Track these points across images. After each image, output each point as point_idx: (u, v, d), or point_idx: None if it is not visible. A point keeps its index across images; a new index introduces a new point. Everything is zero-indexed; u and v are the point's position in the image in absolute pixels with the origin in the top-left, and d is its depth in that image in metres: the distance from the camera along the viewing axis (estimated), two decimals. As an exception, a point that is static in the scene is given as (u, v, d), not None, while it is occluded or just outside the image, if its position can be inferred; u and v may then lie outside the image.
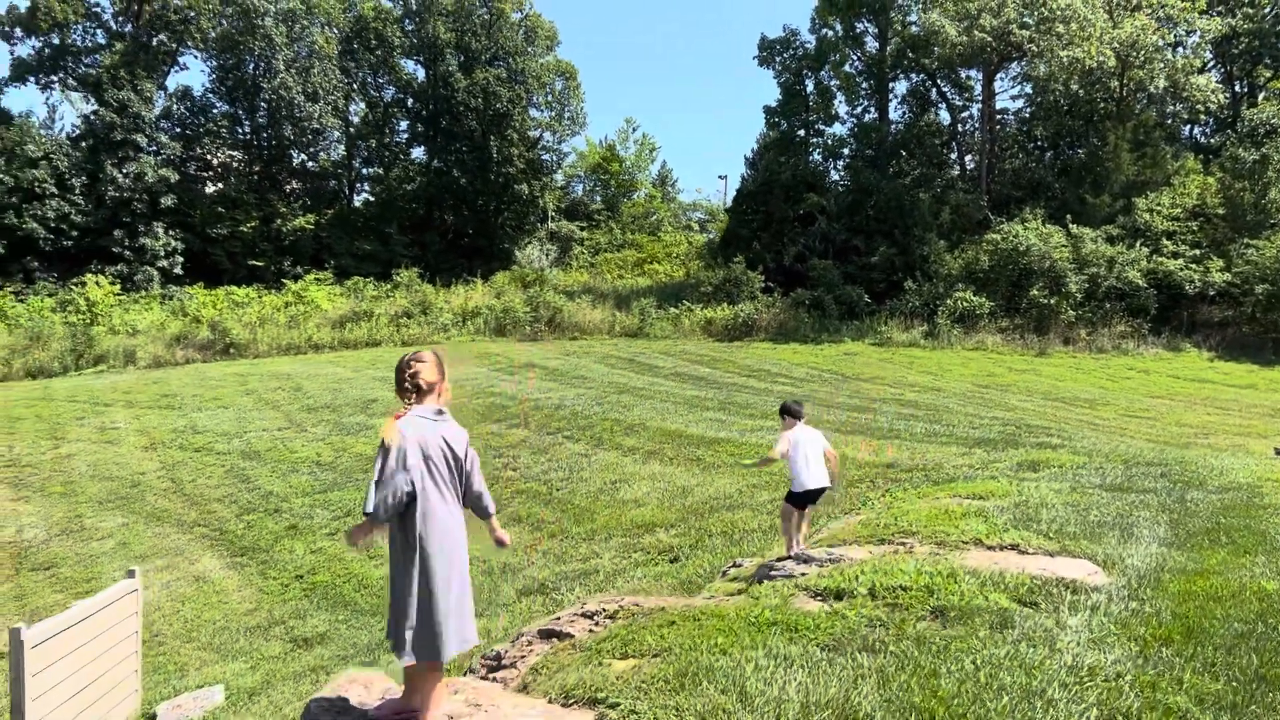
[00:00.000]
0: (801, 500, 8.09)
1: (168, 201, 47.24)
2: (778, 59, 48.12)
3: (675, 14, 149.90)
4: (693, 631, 4.63)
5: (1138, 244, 37.73)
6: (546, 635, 5.63)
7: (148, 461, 22.48)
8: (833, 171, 50.59)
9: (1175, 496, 9.40)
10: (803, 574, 6.88)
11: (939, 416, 19.58)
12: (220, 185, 53.94)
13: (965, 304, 37.33)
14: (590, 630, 5.49)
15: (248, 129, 54.05)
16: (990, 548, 7.12)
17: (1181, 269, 36.77)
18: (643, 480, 14.69)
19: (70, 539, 17.36)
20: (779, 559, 7.85)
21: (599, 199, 64.78)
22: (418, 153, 59.88)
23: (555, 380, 26.53)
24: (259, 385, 29.88)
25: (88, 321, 39.05)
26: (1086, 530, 7.71)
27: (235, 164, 55.47)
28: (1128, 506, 8.87)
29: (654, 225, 60.96)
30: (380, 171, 59.01)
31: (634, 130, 67.82)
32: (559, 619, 5.96)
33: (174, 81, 53.59)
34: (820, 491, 8.08)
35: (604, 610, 5.79)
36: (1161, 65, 42.19)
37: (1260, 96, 45.59)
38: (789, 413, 8.52)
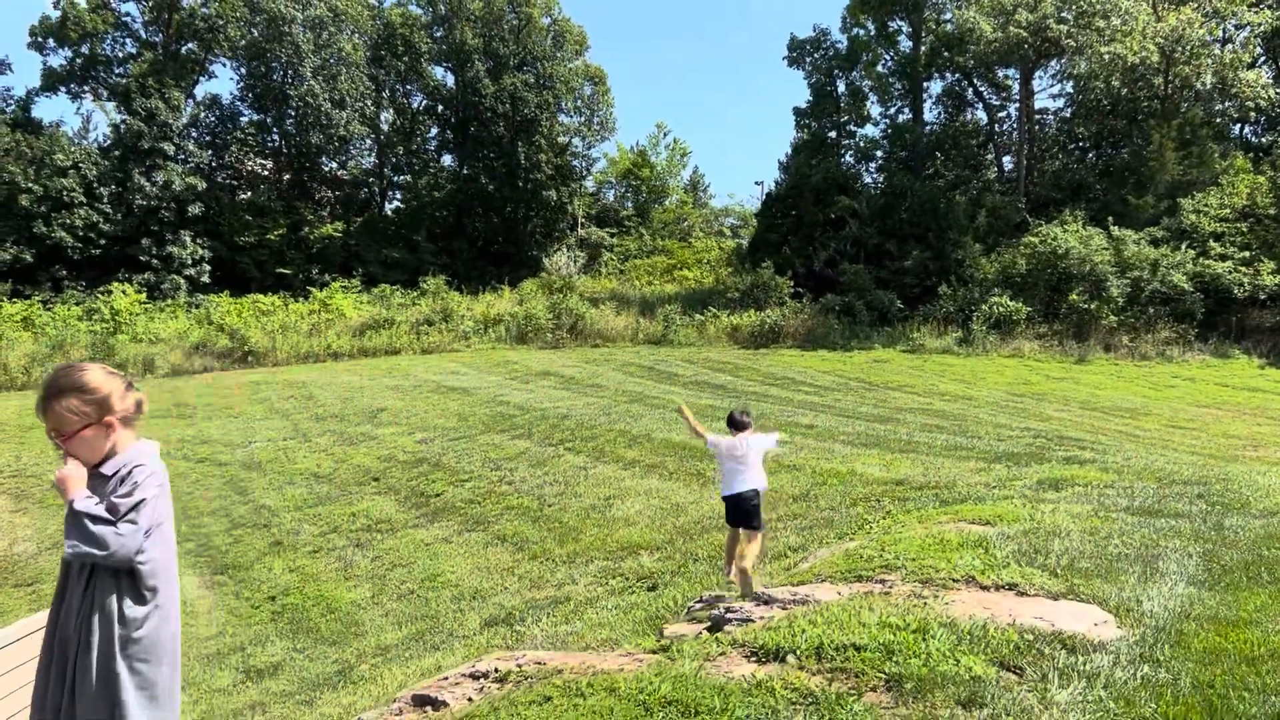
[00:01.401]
0: (731, 513, 7.57)
1: (195, 210, 47.19)
2: (808, 59, 47.03)
3: (709, 13, 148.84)
4: (566, 714, 3.70)
5: (1183, 246, 36.13)
6: (420, 702, 4.72)
7: (150, 473, 21.90)
8: (865, 174, 49.45)
9: (1212, 522, 8.27)
10: (761, 618, 5.90)
11: (965, 428, 18.42)
12: (249, 194, 53.91)
13: (1001, 309, 35.93)
14: (470, 698, 4.57)
15: (276, 137, 53.97)
16: (984, 587, 6.09)
17: (1230, 272, 35.10)
18: (638, 496, 13.74)
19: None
20: (748, 595, 6.88)
21: (630, 205, 63.97)
22: (447, 160, 59.54)
23: (568, 389, 25.67)
24: (272, 394, 29.38)
25: (111, 330, 38.90)
26: (1102, 566, 6.64)
27: (264, 172, 55.46)
28: (1155, 534, 7.77)
29: (685, 231, 60.03)
30: (409, 179, 58.70)
31: (665, 135, 66.90)
32: (445, 679, 5.06)
33: (202, 90, 53.36)
34: (742, 501, 7.49)
35: (496, 670, 4.88)
36: (1209, 61, 40.54)
37: (1314, 92, 43.63)
38: (730, 424, 7.99)
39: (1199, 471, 11.70)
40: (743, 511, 7.54)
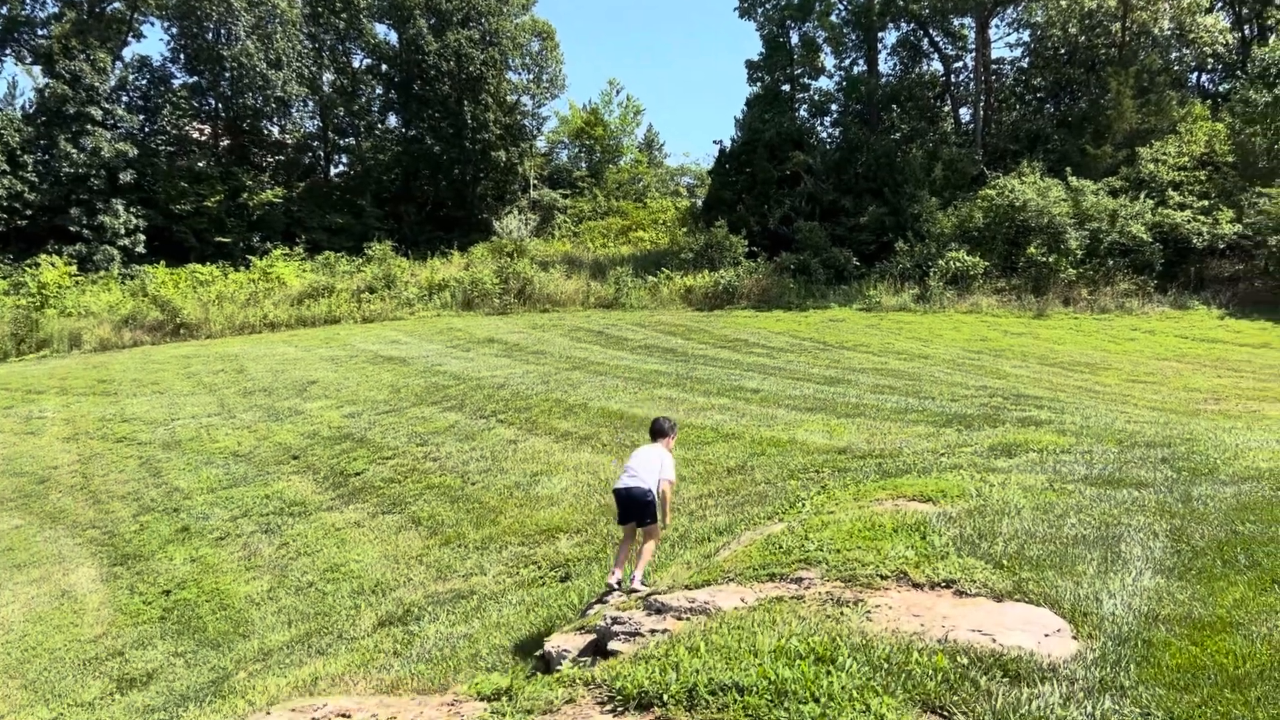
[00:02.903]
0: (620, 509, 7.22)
1: (127, 177, 45.14)
2: (760, 9, 45.54)
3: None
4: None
5: (1142, 196, 35.42)
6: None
7: (64, 454, 20.72)
8: (820, 128, 48.25)
9: (1179, 492, 7.39)
10: (650, 631, 4.90)
11: (918, 388, 17.57)
12: (185, 160, 51.80)
13: (959, 264, 35.11)
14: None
15: (211, 100, 51.80)
16: (917, 585, 5.13)
17: (1189, 221, 34.47)
18: (566, 472, 12.73)
19: None
20: (651, 593, 5.89)
21: (583, 165, 62.41)
22: (392, 121, 57.63)
23: (510, 357, 24.55)
24: (202, 368, 28.00)
25: (38, 304, 37.12)
26: (1056, 552, 5.72)
27: (201, 137, 53.30)
28: (1116, 510, 6.87)
29: (640, 192, 58.67)
30: (354, 142, 56.76)
31: (618, 93, 65.34)
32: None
33: (131, 52, 50.91)
34: (624, 496, 7.10)
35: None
36: (1166, 5, 39.71)
37: (1271, 38, 42.91)
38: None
39: (1162, 431, 10.87)
40: (623, 511, 7.23)
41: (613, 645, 4.93)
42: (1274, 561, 5.60)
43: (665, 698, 3.45)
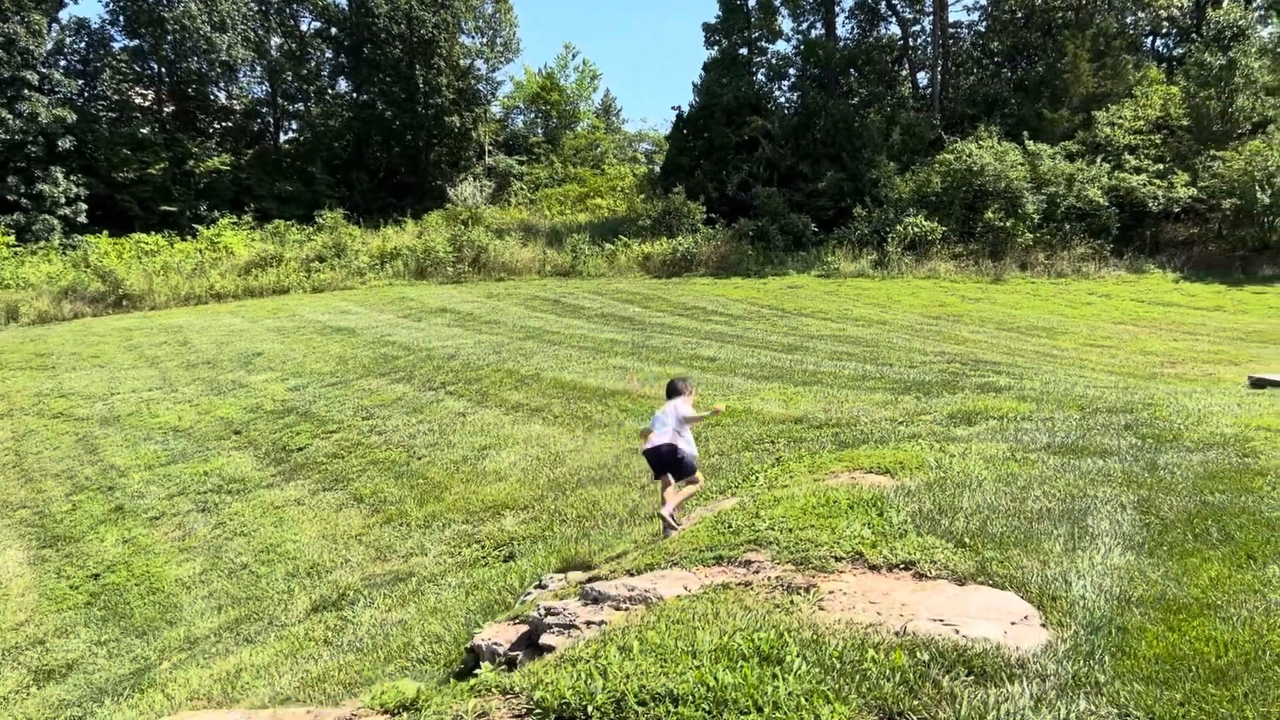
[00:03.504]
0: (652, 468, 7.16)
1: (66, 144, 43.57)
2: (716, -29, 44.78)
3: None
4: None
5: (1098, 160, 35.37)
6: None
7: (-3, 431, 19.94)
8: (777, 93, 47.63)
9: (1145, 461, 7.11)
10: (586, 623, 4.50)
11: (877, 354, 17.30)
12: (128, 126, 50.15)
13: (916, 230, 34.88)
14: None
15: (154, 64, 50.13)
16: (874, 568, 4.77)
17: (1144, 185, 34.49)
18: (515, 445, 12.29)
19: None
20: (591, 578, 5.49)
21: (539, 131, 61.38)
22: (343, 86, 56.19)
23: (462, 326, 23.97)
24: (144, 340, 27.12)
25: (-28, 277, 35.80)
26: (1021, 528, 5.38)
27: (145, 103, 51.62)
28: (1082, 480, 6.56)
29: (598, 158, 57.82)
30: (303, 108, 55.31)
31: (574, 57, 64.17)
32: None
33: (67, 14, 49.19)
34: (654, 455, 6.93)
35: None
36: (1122, -32, 39.53)
37: (1225, 1, 42.93)
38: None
39: (1123, 397, 10.63)
40: (656, 467, 7.05)
41: (545, 639, 4.52)
42: (1247, 535, 5.31)
43: (590, 710, 3.04)
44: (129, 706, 7.09)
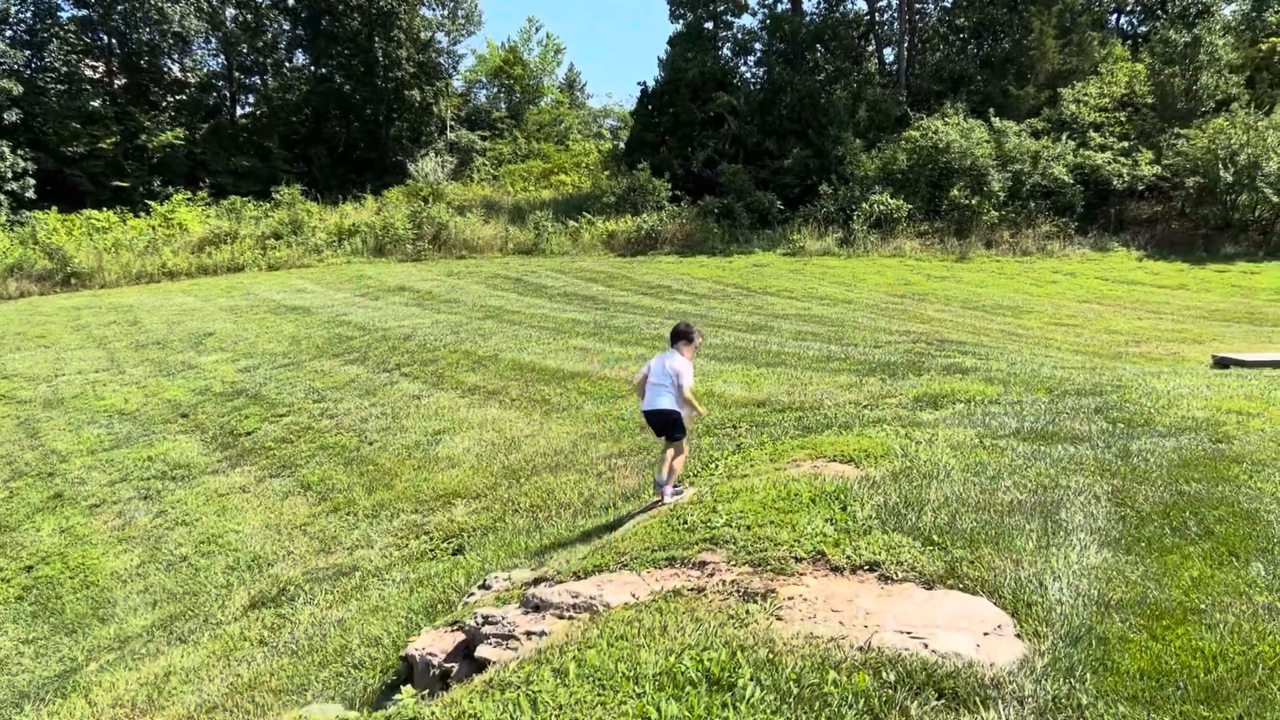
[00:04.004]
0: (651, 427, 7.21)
1: (13, 117, 42.23)
2: (681, -57, 44.11)
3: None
4: None
5: (1064, 137, 35.27)
6: None
7: (-66, 416, 19.16)
8: (743, 68, 47.09)
9: (1117, 448, 6.85)
10: (525, 634, 4.13)
11: (842, 334, 17.02)
12: (78, 99, 48.70)
13: (882, 207, 34.65)
14: None
15: (104, 35, 48.68)
16: (836, 569, 4.44)
17: (1109, 163, 34.45)
18: (470, 430, 11.87)
19: None
20: (538, 579, 5.12)
21: (502, 106, 60.46)
22: (301, 59, 54.92)
23: (420, 305, 23.43)
24: (93, 319, 26.32)
25: (-86, 255, 34.61)
26: (992, 523, 5.08)
27: (96, 75, 50.14)
28: (1054, 469, 6.28)
29: (562, 134, 57.07)
30: (260, 81, 54.03)
31: (537, 30, 63.31)
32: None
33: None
34: (654, 417, 6.96)
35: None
36: (1088, -56, 39.35)
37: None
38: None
39: (1091, 378, 10.40)
40: (654, 428, 7.15)
41: (481, 651, 4.16)
42: (1227, 529, 5.04)
43: (515, 750, 2.69)
44: (49, 714, 6.66)
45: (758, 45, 46.32)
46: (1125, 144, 35.31)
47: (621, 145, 50.99)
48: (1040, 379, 10.41)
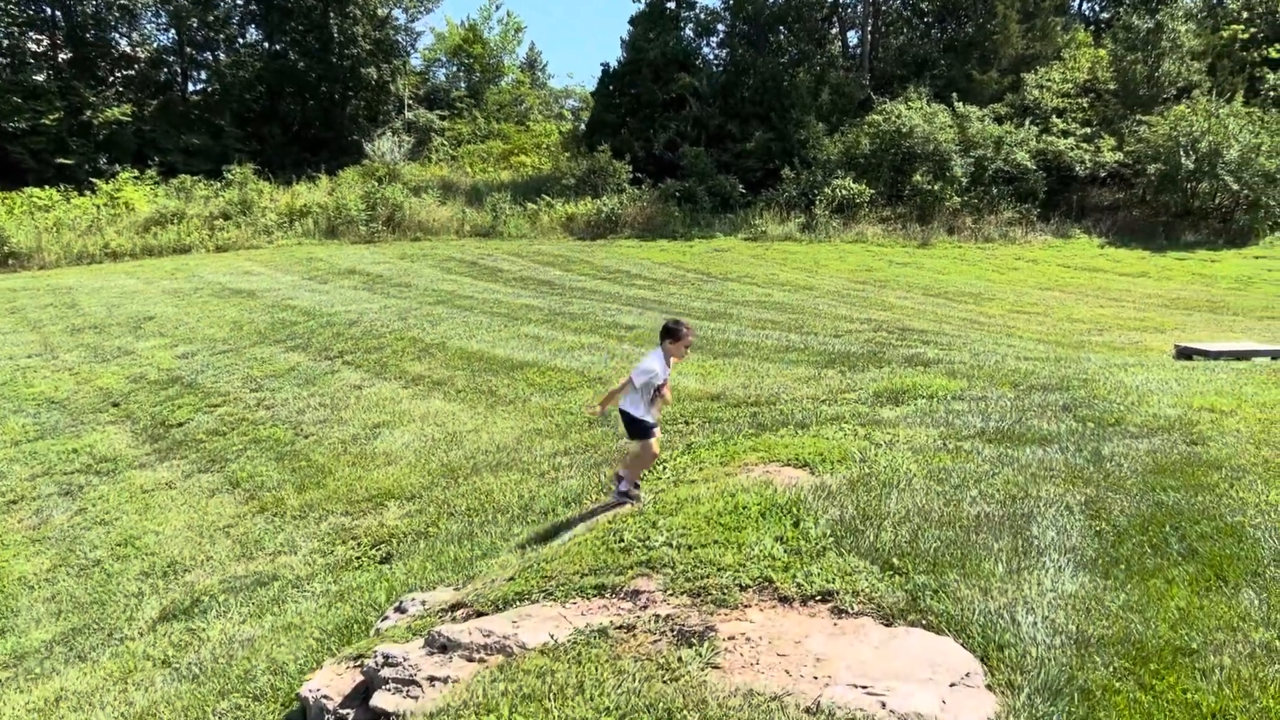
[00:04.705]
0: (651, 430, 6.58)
1: (-52, 91, 40.81)
2: (643, -79, 43.30)
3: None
4: None
5: (1027, 123, 35.08)
6: None
7: None
8: (706, 49, 46.47)
9: (1088, 451, 6.43)
10: (430, 679, 3.60)
11: (802, 322, 16.57)
12: (21, 73, 47.02)
13: (845, 192, 34.27)
14: None
15: (48, 8, 47.05)
16: (784, 600, 3.94)
17: (1072, 149, 34.32)
18: (411, 424, 11.27)
19: None
20: (455, 605, 4.58)
21: (462, 85, 59.34)
22: (254, 34, 53.47)
23: (370, 289, 22.68)
24: (29, 302, 25.28)
25: None
26: (957, 541, 4.61)
27: (39, 48, 48.47)
28: (1022, 476, 5.84)
29: (522, 114, 56.12)
30: (210, 57, 52.52)
31: (497, 8, 62.16)
32: None
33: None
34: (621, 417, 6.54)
35: None
36: (1052, -71, 39.11)
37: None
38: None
39: (1057, 371, 10.02)
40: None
41: (377, 699, 3.63)
42: (1211, 547, 4.62)
43: None
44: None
45: (720, 26, 45.73)
46: (1088, 130, 35.21)
47: (582, 126, 50.21)
48: (1004, 372, 10.01)
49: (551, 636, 3.66)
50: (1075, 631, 3.65)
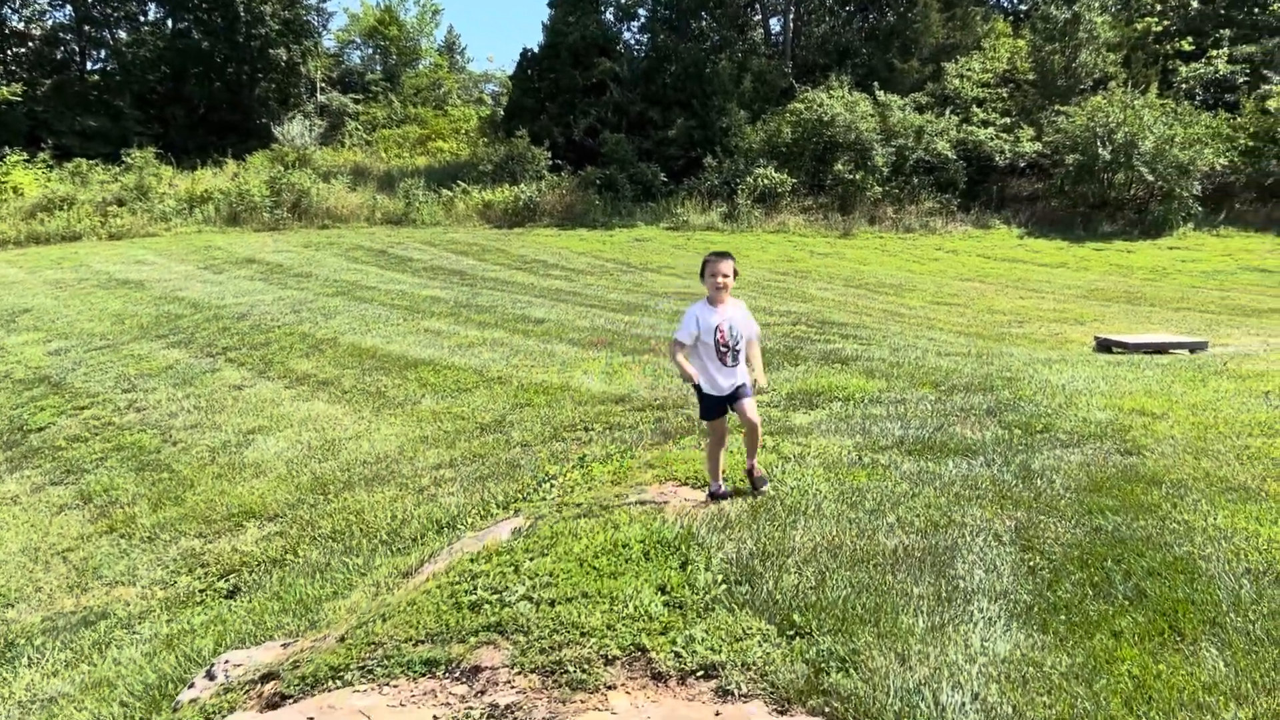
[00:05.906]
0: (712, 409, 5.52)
1: None
2: (563, -100, 42.16)
3: None
4: None
5: (947, 112, 34.97)
6: None
7: None
8: (627, 34, 45.60)
9: (1016, 464, 5.80)
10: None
11: (719, 315, 15.85)
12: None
13: (767, 181, 33.74)
14: None
15: (-71, -19, 44.28)
16: (659, 678, 3.18)
17: (992, 139, 34.29)
18: (289, 429, 10.28)
19: None
20: (267, 674, 3.73)
21: (377, 68, 57.53)
22: (155, 12, 51.03)
23: (266, 280, 21.41)
24: (-105, 295, 23.40)
25: None
26: (871, 586, 3.89)
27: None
28: (945, 499, 5.17)
29: (440, 99, 54.56)
30: (109, 35, 49.97)
31: (414, -11, 60.15)
32: None
33: None
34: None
35: None
36: (971, -82, 39.07)
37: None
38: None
39: (980, 368, 9.46)
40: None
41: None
42: (1161, 588, 3.97)
43: None
44: None
45: (642, 10, 44.88)
46: (1007, 120, 35.23)
47: (501, 112, 48.96)
48: (925, 370, 9.42)
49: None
50: (1011, 715, 2.95)
